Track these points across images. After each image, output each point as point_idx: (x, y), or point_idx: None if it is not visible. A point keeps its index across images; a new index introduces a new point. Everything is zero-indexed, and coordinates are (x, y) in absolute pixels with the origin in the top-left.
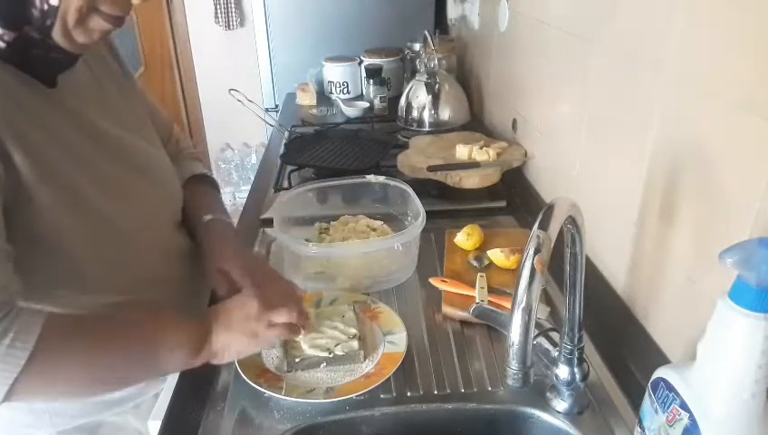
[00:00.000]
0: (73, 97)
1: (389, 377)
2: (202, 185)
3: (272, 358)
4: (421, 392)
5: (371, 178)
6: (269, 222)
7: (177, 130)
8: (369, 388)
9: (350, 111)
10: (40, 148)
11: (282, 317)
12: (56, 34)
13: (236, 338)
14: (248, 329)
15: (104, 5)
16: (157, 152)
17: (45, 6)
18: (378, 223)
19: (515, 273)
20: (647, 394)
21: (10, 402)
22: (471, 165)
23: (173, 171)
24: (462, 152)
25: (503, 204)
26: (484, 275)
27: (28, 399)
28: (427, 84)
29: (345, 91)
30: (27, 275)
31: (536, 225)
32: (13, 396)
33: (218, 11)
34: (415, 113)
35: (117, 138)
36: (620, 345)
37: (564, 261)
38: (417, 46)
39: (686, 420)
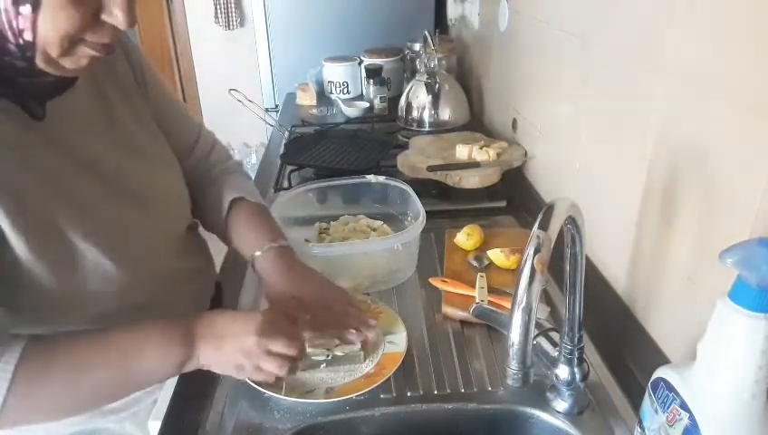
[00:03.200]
0: (66, 125)
1: (389, 377)
2: (244, 211)
3: None
4: (421, 392)
5: (371, 178)
6: None
7: (208, 136)
8: (369, 388)
9: (350, 111)
10: (20, 187)
11: (270, 366)
12: (40, 64)
13: (223, 362)
14: (236, 361)
15: (89, 35)
16: (161, 171)
17: (21, 41)
18: (378, 223)
19: (515, 273)
20: (647, 394)
21: None
22: (471, 165)
23: (176, 192)
24: (462, 152)
25: (503, 204)
26: (484, 275)
27: (14, 424)
28: (427, 84)
29: (345, 91)
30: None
31: (536, 225)
32: None
33: (218, 11)
34: (415, 113)
35: (114, 164)
36: (620, 345)
37: (564, 261)
38: (417, 46)
39: (686, 420)
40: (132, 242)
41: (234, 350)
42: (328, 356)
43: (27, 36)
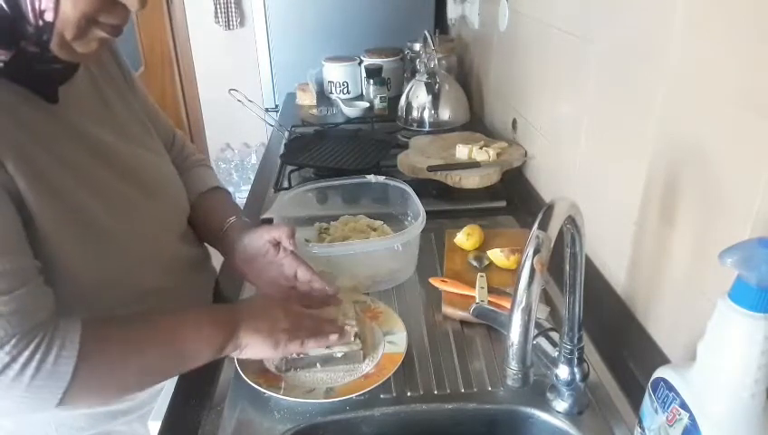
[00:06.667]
0: (75, 111)
1: (389, 377)
2: (218, 195)
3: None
4: (421, 392)
5: (371, 178)
6: (269, 222)
7: (180, 133)
8: (369, 388)
9: (350, 111)
10: (41, 167)
11: (302, 335)
12: (54, 48)
13: (260, 342)
14: (272, 338)
15: (103, 16)
16: (159, 161)
17: (40, 22)
18: (378, 223)
19: (515, 273)
20: (647, 394)
21: (14, 416)
22: (471, 165)
23: (176, 180)
24: (462, 152)
25: (503, 204)
26: (484, 275)
27: (77, 403)
28: (427, 84)
29: (345, 91)
30: None
31: (536, 225)
32: (63, 403)
33: (218, 10)
34: (415, 113)
35: (118, 150)
36: (620, 345)
37: (564, 261)
38: (417, 46)
39: (686, 420)
40: (143, 226)
41: (268, 328)
42: (328, 353)
43: (48, 17)
